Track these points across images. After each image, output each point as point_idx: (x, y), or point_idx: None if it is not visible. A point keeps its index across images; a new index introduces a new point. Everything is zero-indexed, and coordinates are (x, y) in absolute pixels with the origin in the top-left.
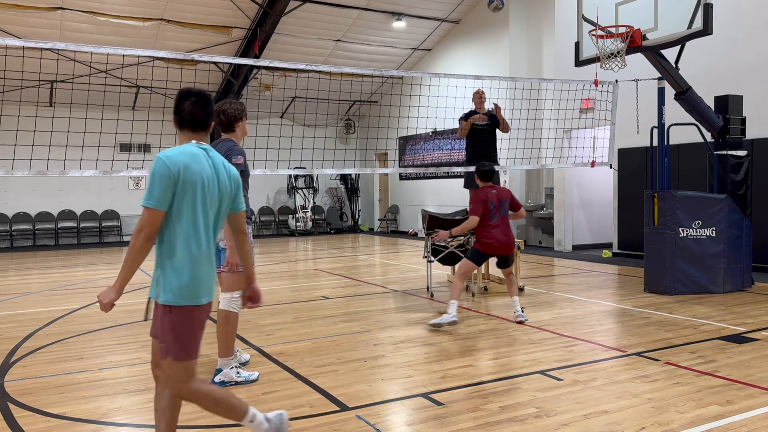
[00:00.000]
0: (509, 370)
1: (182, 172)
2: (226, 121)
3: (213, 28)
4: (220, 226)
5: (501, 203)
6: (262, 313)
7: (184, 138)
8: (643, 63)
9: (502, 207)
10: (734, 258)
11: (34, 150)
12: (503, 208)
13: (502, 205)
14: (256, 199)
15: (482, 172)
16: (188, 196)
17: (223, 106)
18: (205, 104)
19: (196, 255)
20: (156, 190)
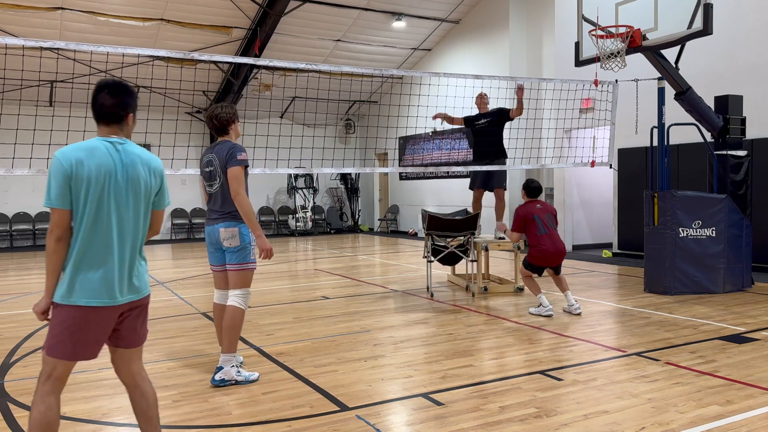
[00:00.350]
0: (509, 370)
1: (75, 167)
2: (219, 126)
3: (213, 28)
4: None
5: (547, 216)
6: (262, 313)
7: (100, 132)
8: (643, 63)
9: (549, 219)
10: (734, 258)
11: (34, 149)
12: (550, 221)
13: (549, 218)
14: (256, 198)
15: (530, 189)
16: (85, 192)
17: (215, 111)
18: (120, 95)
19: (97, 254)
20: (52, 189)
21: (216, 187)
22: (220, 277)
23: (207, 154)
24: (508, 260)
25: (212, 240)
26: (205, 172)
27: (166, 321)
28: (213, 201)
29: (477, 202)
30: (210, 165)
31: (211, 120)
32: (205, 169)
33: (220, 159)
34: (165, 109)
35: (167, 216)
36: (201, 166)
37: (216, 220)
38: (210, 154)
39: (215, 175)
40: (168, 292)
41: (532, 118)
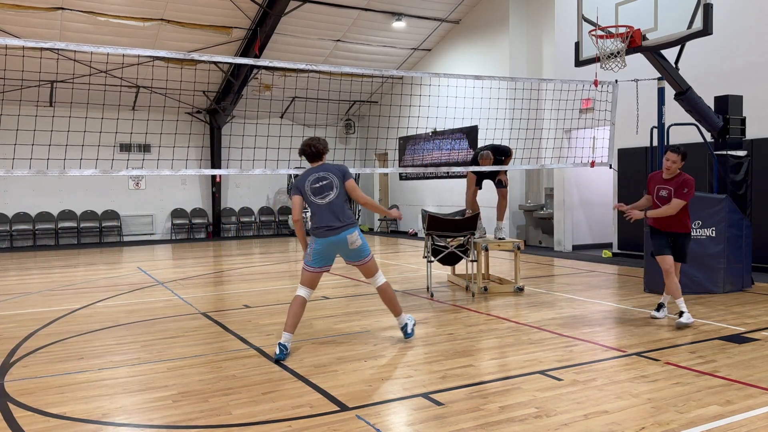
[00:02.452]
0: (509, 370)
1: None
2: (317, 153)
3: (213, 28)
4: None
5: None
6: (262, 313)
7: None
8: (643, 63)
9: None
10: (734, 258)
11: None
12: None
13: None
14: (256, 199)
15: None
16: None
17: (313, 142)
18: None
19: None
20: None
21: (330, 198)
22: (317, 278)
23: (314, 173)
24: (508, 260)
25: (335, 246)
26: (315, 188)
27: (166, 321)
28: (324, 213)
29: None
30: (323, 180)
31: (309, 148)
32: (315, 185)
33: (336, 175)
34: (165, 110)
35: (167, 216)
36: (307, 184)
37: (338, 230)
38: (320, 173)
39: (329, 188)
40: (168, 292)
41: (532, 118)
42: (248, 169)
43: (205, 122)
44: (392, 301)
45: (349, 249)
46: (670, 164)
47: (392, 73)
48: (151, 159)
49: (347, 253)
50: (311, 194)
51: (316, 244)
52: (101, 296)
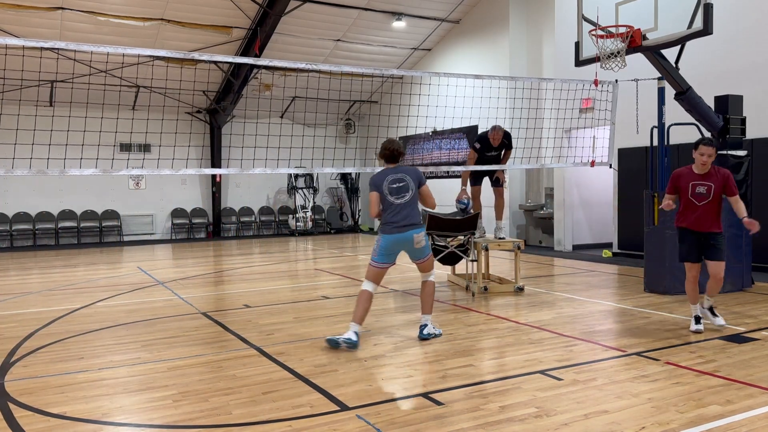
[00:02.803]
0: (509, 370)
1: None
2: (396, 155)
3: (213, 28)
4: None
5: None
6: (262, 313)
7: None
8: (643, 63)
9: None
10: (734, 258)
11: (34, 149)
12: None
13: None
14: (256, 198)
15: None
16: None
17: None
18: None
19: None
20: None
21: (406, 198)
22: (382, 274)
23: (392, 174)
24: (508, 260)
25: (401, 243)
26: (392, 187)
27: (166, 321)
28: (399, 211)
29: (476, 200)
30: (401, 182)
31: (390, 151)
32: (393, 185)
33: (413, 178)
34: (165, 109)
35: (167, 216)
36: (386, 183)
37: (407, 228)
38: (399, 174)
39: (406, 189)
40: (168, 292)
41: (532, 117)
42: (248, 169)
43: (205, 122)
44: (429, 298)
45: (413, 247)
46: (707, 159)
47: (392, 72)
48: (151, 159)
49: (411, 250)
50: (388, 193)
51: (382, 241)
52: (101, 296)
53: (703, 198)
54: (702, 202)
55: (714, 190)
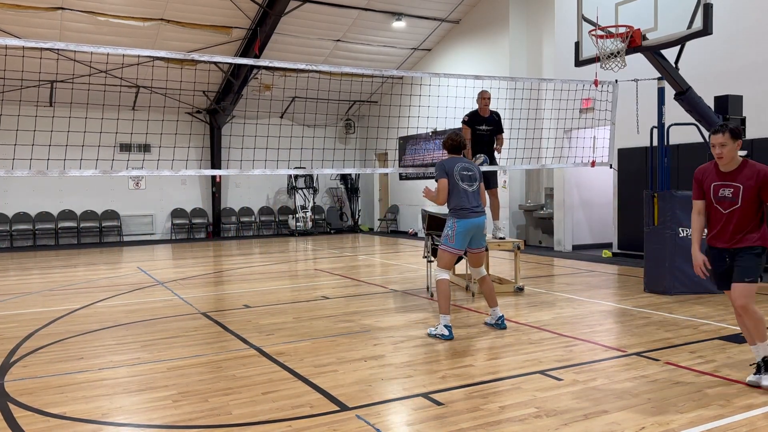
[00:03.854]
0: (509, 370)
1: None
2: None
3: (213, 28)
4: None
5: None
6: (262, 313)
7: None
8: (643, 63)
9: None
10: None
11: (34, 150)
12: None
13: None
14: (256, 199)
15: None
16: None
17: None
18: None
19: None
20: None
21: (474, 187)
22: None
23: (461, 162)
24: (508, 260)
25: (474, 227)
26: (464, 174)
27: (166, 321)
28: (470, 197)
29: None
30: (470, 171)
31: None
32: (463, 173)
33: (477, 172)
34: (165, 110)
35: (167, 216)
36: (456, 169)
37: (480, 213)
38: (466, 164)
39: (475, 179)
40: (168, 292)
41: (532, 118)
42: (248, 169)
43: (205, 122)
44: (492, 292)
45: (481, 233)
46: (720, 150)
47: (392, 73)
48: (151, 159)
49: (479, 236)
50: (460, 180)
51: (458, 226)
52: (101, 296)
53: (728, 204)
54: (728, 209)
55: (743, 192)
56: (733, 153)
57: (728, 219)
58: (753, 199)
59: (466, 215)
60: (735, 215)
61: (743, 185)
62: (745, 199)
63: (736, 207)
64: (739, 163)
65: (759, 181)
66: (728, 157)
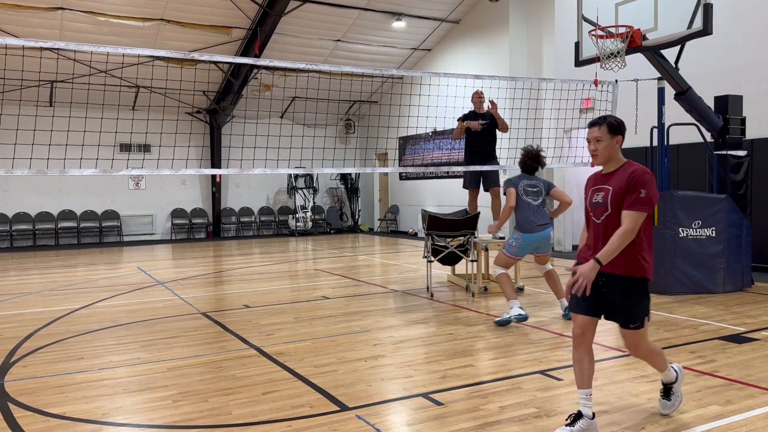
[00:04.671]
0: (509, 370)
1: None
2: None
3: (213, 28)
4: None
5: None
6: (262, 313)
7: None
8: (643, 63)
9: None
10: (734, 258)
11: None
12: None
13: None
14: (256, 199)
15: None
16: None
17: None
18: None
19: None
20: None
21: (539, 201)
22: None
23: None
24: None
25: (538, 240)
26: (528, 190)
27: (166, 321)
28: (534, 212)
29: (473, 202)
30: (535, 187)
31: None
32: (528, 188)
33: (544, 185)
34: (165, 110)
35: (167, 216)
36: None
37: (545, 226)
38: (533, 180)
39: (540, 194)
40: (168, 292)
41: (532, 118)
42: (248, 169)
43: (205, 122)
44: (558, 284)
45: (547, 243)
46: (594, 146)
47: (392, 73)
48: (151, 159)
49: (544, 245)
50: (524, 194)
51: (522, 240)
52: (101, 296)
53: (600, 211)
54: (599, 216)
55: (612, 196)
56: (611, 151)
57: (604, 230)
58: (620, 206)
59: (531, 229)
60: (609, 226)
61: (613, 187)
62: (614, 205)
63: (608, 214)
64: (621, 164)
65: (627, 181)
66: (604, 156)
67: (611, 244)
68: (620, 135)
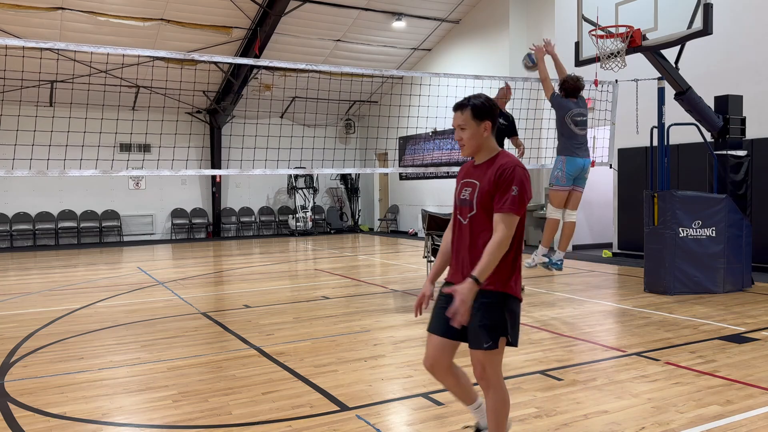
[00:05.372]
0: (509, 370)
1: None
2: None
3: (213, 28)
4: None
5: None
6: (262, 313)
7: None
8: (643, 63)
9: None
10: (734, 258)
11: (34, 150)
12: None
13: None
14: (256, 199)
15: None
16: None
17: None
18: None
19: None
20: None
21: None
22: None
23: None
24: None
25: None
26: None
27: (166, 321)
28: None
29: None
30: (583, 116)
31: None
32: (577, 117)
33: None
34: (165, 110)
35: (167, 216)
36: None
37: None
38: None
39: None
40: (168, 292)
41: (532, 118)
42: (248, 169)
43: (205, 122)
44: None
45: (584, 174)
46: (459, 134)
47: (392, 73)
48: (151, 159)
49: (582, 177)
50: (572, 123)
51: (568, 165)
52: (101, 296)
53: (465, 210)
54: (465, 214)
55: (479, 192)
56: (479, 139)
57: (470, 234)
58: (492, 206)
59: (578, 154)
60: (474, 230)
61: (480, 183)
62: (480, 204)
63: (472, 215)
64: (492, 155)
65: (496, 176)
66: (472, 145)
67: (486, 257)
68: (489, 120)
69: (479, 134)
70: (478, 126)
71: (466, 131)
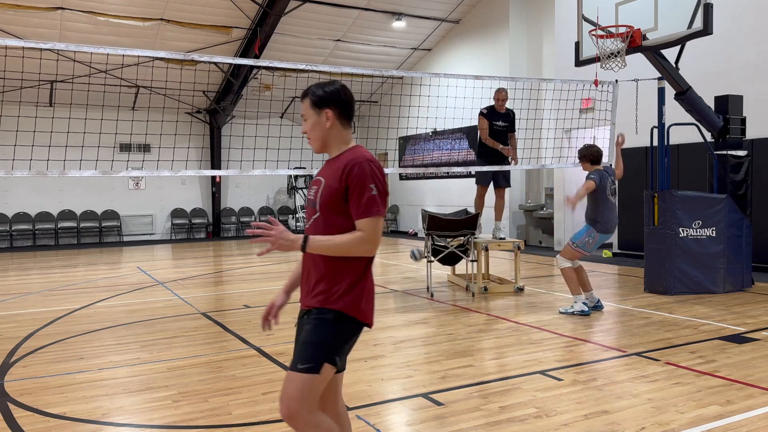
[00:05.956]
0: (509, 370)
1: None
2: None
3: (213, 28)
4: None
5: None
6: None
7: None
8: (643, 63)
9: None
10: (734, 258)
11: (34, 150)
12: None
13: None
14: (256, 199)
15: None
16: None
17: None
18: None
19: None
20: None
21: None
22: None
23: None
24: (508, 260)
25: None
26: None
27: (166, 321)
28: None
29: (480, 199)
30: (613, 184)
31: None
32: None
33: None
34: (165, 110)
35: (167, 216)
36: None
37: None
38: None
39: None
40: (168, 292)
41: (532, 118)
42: (248, 169)
43: (205, 122)
44: (587, 277)
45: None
46: (304, 127)
47: (392, 73)
48: (151, 159)
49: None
50: (610, 194)
51: (600, 239)
52: (101, 296)
53: (310, 211)
54: (309, 219)
55: (322, 193)
56: (322, 131)
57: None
58: (336, 208)
59: (608, 230)
60: (317, 233)
61: (325, 179)
62: (324, 205)
63: (316, 218)
64: (343, 150)
65: (343, 174)
66: (316, 138)
67: (336, 238)
68: (330, 108)
69: (321, 124)
70: (319, 115)
71: (308, 122)
